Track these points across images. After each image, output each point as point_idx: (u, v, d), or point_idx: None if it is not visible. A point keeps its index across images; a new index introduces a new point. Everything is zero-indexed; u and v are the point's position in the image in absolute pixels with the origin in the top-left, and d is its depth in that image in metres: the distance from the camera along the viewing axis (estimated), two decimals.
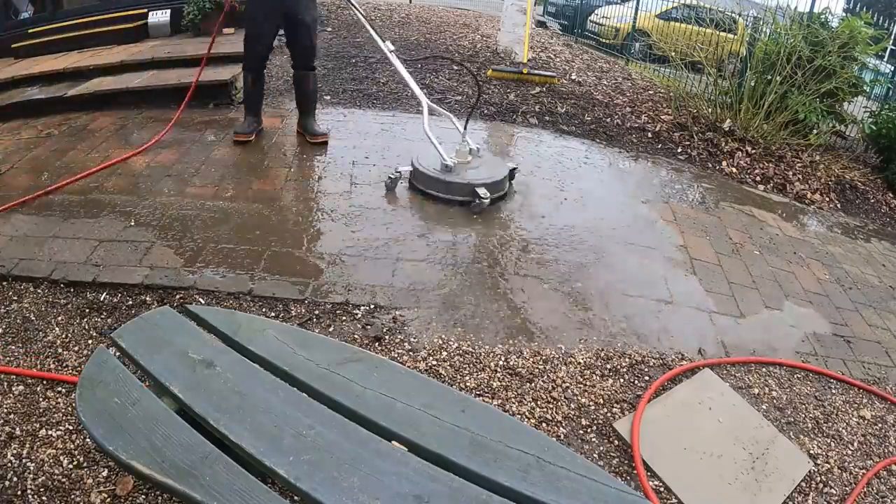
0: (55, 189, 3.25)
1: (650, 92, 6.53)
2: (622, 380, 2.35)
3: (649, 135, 5.18)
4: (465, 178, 3.38)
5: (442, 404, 1.48)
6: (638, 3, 9.29)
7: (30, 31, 5.77)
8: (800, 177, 4.93)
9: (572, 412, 2.16)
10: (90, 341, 2.27)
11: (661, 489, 1.94)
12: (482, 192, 3.24)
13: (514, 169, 3.70)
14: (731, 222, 3.87)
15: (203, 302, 2.49)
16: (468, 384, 2.20)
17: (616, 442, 2.08)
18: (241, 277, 2.63)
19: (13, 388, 2.03)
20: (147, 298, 2.50)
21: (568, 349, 2.46)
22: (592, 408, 2.20)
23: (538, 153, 4.39)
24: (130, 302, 2.48)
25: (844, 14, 5.97)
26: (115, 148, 3.83)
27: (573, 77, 6.59)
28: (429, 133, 3.43)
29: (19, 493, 1.68)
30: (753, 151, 5.06)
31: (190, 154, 3.78)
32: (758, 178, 4.78)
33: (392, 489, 1.25)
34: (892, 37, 6.65)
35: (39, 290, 2.53)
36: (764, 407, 2.37)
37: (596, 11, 10.81)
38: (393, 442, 1.38)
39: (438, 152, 3.40)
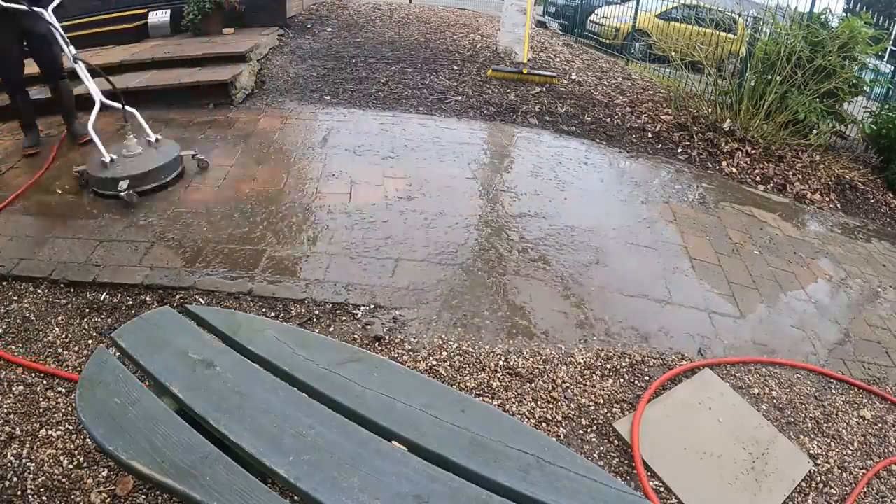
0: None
1: (650, 92, 6.53)
2: (622, 380, 2.35)
3: (649, 135, 5.18)
4: (114, 173, 3.23)
5: (442, 404, 1.48)
6: (638, 3, 9.28)
7: None
8: (800, 177, 4.93)
9: (572, 412, 2.16)
10: (90, 341, 2.27)
11: (661, 489, 1.94)
12: (122, 185, 3.15)
13: (195, 155, 3.60)
14: (731, 222, 3.87)
15: (203, 302, 2.49)
16: (468, 384, 2.20)
17: (616, 442, 2.08)
18: (242, 276, 2.63)
19: (13, 388, 2.03)
20: (147, 298, 2.50)
21: (568, 349, 2.46)
22: (592, 408, 2.20)
23: (538, 153, 4.39)
24: (130, 302, 2.48)
25: (844, 14, 5.96)
26: None
27: (573, 77, 6.59)
28: (91, 133, 3.30)
29: (19, 493, 1.69)
30: (753, 151, 5.06)
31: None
32: (758, 178, 4.78)
33: (392, 489, 1.25)
34: (892, 37, 6.65)
35: (39, 290, 2.53)
36: (764, 407, 2.37)
37: (596, 11, 10.80)
38: (393, 442, 1.38)
39: (99, 149, 3.29)
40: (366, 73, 5.67)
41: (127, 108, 3.47)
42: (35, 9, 3.34)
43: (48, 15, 3.40)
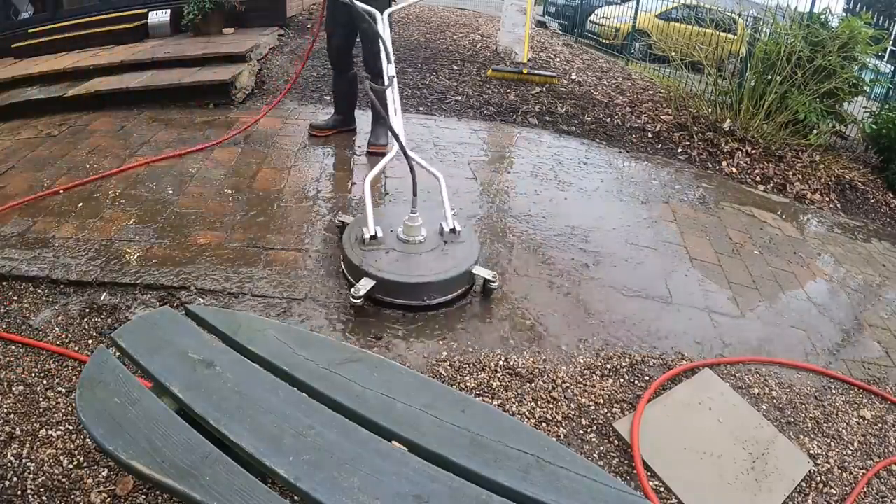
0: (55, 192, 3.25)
1: (650, 92, 6.53)
2: (622, 380, 2.35)
3: (649, 135, 5.18)
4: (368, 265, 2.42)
5: (442, 404, 1.48)
6: (638, 3, 9.29)
7: (30, 31, 5.78)
8: (800, 177, 4.93)
9: (572, 412, 2.16)
10: (90, 341, 2.27)
11: (661, 489, 1.94)
12: (358, 289, 2.34)
13: (490, 282, 2.57)
14: (731, 222, 3.87)
15: (203, 302, 2.49)
16: (468, 384, 2.20)
17: (616, 442, 2.08)
18: (242, 277, 2.63)
19: (13, 388, 2.03)
20: (147, 298, 2.50)
21: (568, 349, 2.46)
22: (592, 408, 2.20)
23: (538, 153, 4.39)
24: (130, 302, 2.48)
25: (844, 14, 5.97)
26: (116, 148, 3.84)
27: (573, 77, 6.59)
28: (366, 188, 2.57)
29: (19, 493, 1.68)
30: (753, 151, 5.06)
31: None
32: (758, 178, 4.78)
33: (392, 489, 1.25)
34: (892, 37, 6.65)
35: (39, 290, 2.53)
36: (764, 407, 2.37)
37: (596, 11, 10.81)
38: (393, 442, 1.38)
39: (367, 214, 2.54)
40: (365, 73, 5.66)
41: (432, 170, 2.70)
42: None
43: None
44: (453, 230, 2.64)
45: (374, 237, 2.51)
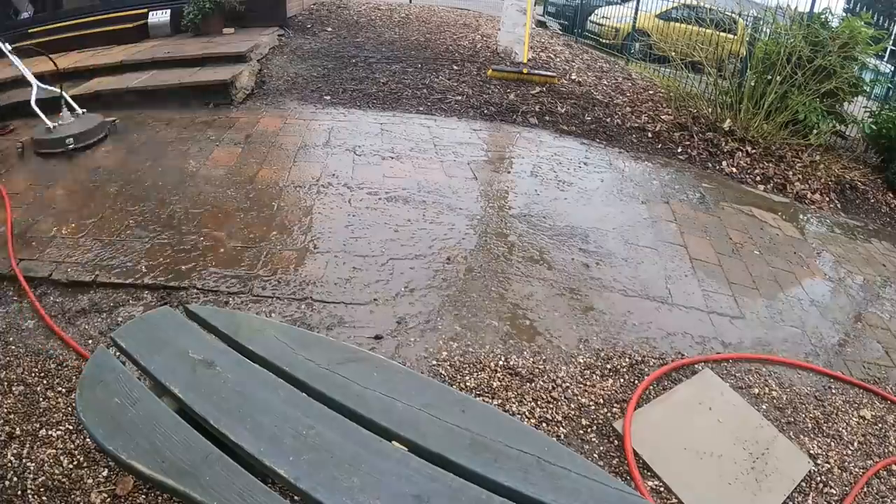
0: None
1: (650, 92, 6.53)
2: (622, 380, 2.35)
3: (649, 135, 5.18)
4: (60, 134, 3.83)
5: (442, 404, 1.48)
6: (638, 3, 9.28)
7: (30, 30, 5.77)
8: (800, 177, 4.93)
9: (572, 412, 2.16)
10: (90, 341, 2.27)
11: (661, 489, 1.94)
12: (69, 141, 3.76)
13: (114, 121, 4.15)
14: (731, 222, 3.87)
15: (203, 302, 2.49)
16: (468, 384, 2.20)
17: (616, 442, 2.08)
18: (241, 275, 2.63)
19: (13, 388, 2.03)
20: (147, 298, 2.50)
21: (568, 349, 2.46)
22: (592, 408, 2.20)
23: (538, 153, 4.39)
24: (130, 302, 2.48)
25: (844, 14, 5.96)
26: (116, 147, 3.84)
27: (573, 77, 6.59)
28: (35, 107, 3.85)
29: (19, 493, 1.68)
30: (753, 151, 5.06)
31: (191, 153, 3.78)
32: (758, 178, 4.78)
33: (392, 489, 1.25)
34: (892, 37, 6.65)
35: (39, 290, 2.53)
36: (764, 407, 2.37)
37: (596, 11, 10.80)
38: (393, 442, 1.38)
39: (43, 119, 3.86)
40: (366, 72, 5.67)
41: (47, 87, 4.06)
42: None
43: None
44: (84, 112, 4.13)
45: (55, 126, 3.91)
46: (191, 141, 3.98)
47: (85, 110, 4.14)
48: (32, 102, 3.88)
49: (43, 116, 3.84)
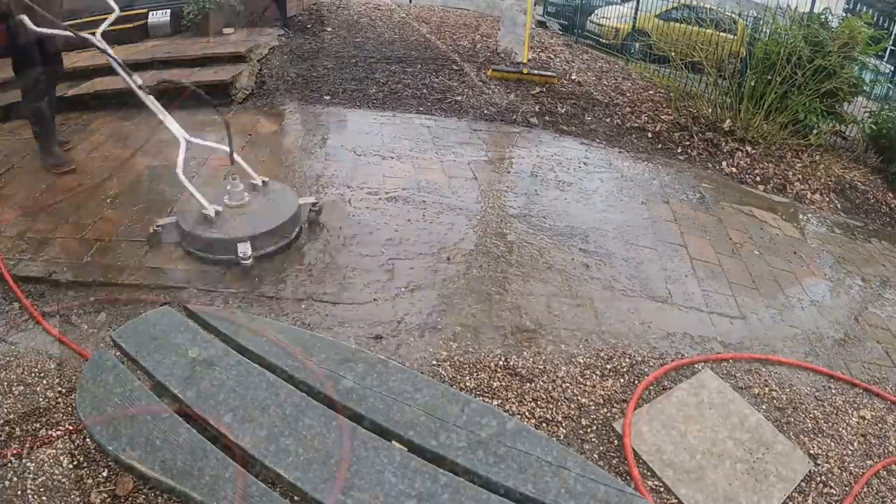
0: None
1: (650, 92, 6.53)
2: (622, 380, 2.35)
3: (649, 135, 5.18)
4: (226, 232, 2.63)
5: (442, 404, 1.48)
6: (638, 3, 9.28)
7: None
8: (800, 177, 4.93)
9: (572, 412, 2.16)
10: (90, 341, 2.27)
11: (661, 489, 1.94)
12: (242, 249, 2.57)
13: (314, 205, 2.98)
14: (731, 222, 3.87)
15: (203, 302, 2.49)
16: (468, 384, 2.20)
17: (616, 442, 2.08)
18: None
19: (13, 388, 2.03)
20: (147, 298, 2.50)
21: (568, 349, 2.46)
22: (592, 408, 2.20)
23: (538, 153, 4.39)
24: (130, 302, 2.48)
25: (844, 14, 5.97)
26: (117, 148, 3.84)
27: (573, 77, 6.58)
28: (181, 176, 2.69)
29: (19, 493, 1.68)
30: (753, 151, 5.06)
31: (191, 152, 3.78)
32: (758, 178, 4.78)
33: (392, 489, 1.25)
34: (892, 37, 6.65)
35: (39, 291, 2.53)
36: (764, 407, 2.37)
37: (596, 11, 10.80)
38: (393, 442, 1.38)
39: (197, 199, 2.67)
40: (366, 73, 5.67)
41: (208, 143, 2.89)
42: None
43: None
44: (264, 182, 3.00)
45: (217, 212, 2.72)
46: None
47: (267, 179, 2.97)
48: (179, 171, 2.69)
49: (198, 196, 2.65)
